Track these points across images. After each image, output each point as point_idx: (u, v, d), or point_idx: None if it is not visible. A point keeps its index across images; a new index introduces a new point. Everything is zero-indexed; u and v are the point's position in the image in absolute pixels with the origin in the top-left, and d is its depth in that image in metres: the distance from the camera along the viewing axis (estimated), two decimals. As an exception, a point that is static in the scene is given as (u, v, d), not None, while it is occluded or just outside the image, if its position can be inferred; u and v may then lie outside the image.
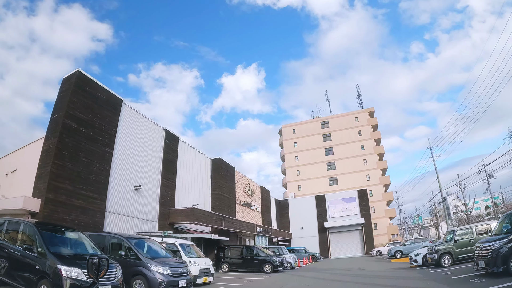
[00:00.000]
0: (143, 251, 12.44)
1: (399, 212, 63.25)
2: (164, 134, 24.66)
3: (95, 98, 18.00)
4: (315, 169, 61.68)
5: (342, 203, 49.00)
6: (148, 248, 12.93)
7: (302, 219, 49.82)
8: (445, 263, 16.49)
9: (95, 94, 18.05)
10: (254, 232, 32.88)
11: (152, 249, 13.01)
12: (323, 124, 66.20)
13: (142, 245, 12.87)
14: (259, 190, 41.45)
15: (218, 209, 28.90)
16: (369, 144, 61.37)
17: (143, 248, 12.70)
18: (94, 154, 17.29)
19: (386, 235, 52.49)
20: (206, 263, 15.77)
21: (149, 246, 13.10)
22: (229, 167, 33.16)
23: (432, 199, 44.34)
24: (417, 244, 30.89)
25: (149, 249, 12.87)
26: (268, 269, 22.29)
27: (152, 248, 13.07)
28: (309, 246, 44.09)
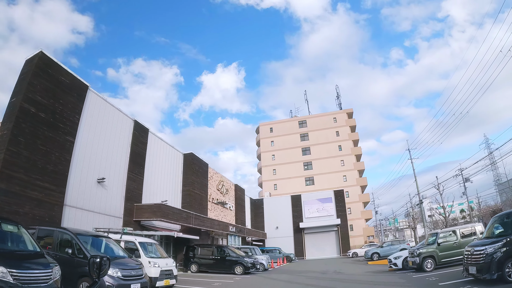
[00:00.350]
0: (95, 249, 10.86)
1: (375, 214, 62.78)
2: (133, 125, 22.94)
3: (58, 82, 16.21)
4: (292, 169, 60.62)
5: (318, 203, 48.02)
6: (100, 246, 11.34)
7: (277, 219, 48.62)
8: (427, 267, 15.42)
9: (59, 78, 16.25)
10: (226, 231, 31.41)
11: (105, 247, 11.42)
12: (301, 123, 65.23)
13: (94, 242, 11.28)
14: (233, 188, 40.00)
15: (188, 206, 27.33)
16: (346, 145, 60.71)
17: (96, 247, 11.12)
18: (54, 142, 15.50)
19: (362, 237, 51.84)
20: (169, 264, 14.20)
21: (102, 244, 11.51)
22: (201, 163, 31.58)
23: (409, 201, 43.81)
24: (394, 247, 30.08)
25: (101, 248, 11.29)
26: (239, 270, 20.88)
27: (105, 246, 11.47)
28: (284, 247, 42.96)
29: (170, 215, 21.87)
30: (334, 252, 45.65)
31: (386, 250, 30.17)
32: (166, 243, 24.87)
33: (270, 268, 26.39)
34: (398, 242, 31.12)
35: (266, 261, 24.59)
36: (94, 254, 7.34)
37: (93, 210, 18.00)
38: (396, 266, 18.29)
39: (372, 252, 30.20)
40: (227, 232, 31.53)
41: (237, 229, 35.01)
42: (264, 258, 24.89)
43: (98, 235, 12.28)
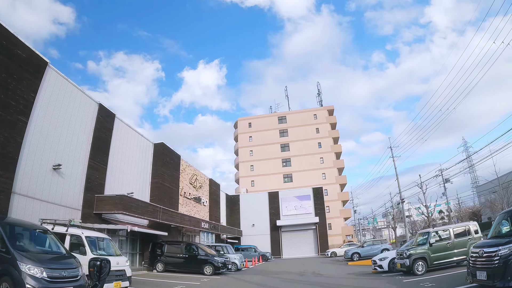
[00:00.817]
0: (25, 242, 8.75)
1: (353, 213, 61.62)
2: (97, 109, 20.62)
3: (13, 55, 13.85)
4: (270, 165, 58.86)
5: (296, 200, 46.38)
6: (32, 239, 9.20)
7: (253, 216, 46.76)
8: (418, 271, 13.73)
9: (14, 51, 13.91)
10: (199, 228, 29.31)
11: (39, 241, 9.29)
12: (280, 119, 63.55)
13: (25, 235, 9.15)
14: (207, 182, 37.89)
15: (157, 200, 25.14)
16: (326, 142, 59.36)
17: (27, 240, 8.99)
18: (3, 122, 13.17)
19: (340, 236, 50.51)
20: (120, 263, 12.08)
21: (35, 237, 9.38)
22: (173, 154, 29.38)
23: (390, 200, 42.59)
24: (375, 247, 28.63)
25: (34, 242, 9.15)
26: (209, 270, 18.90)
27: (38, 239, 9.34)
28: (260, 245, 41.31)
29: (134, 208, 19.67)
30: (312, 251, 44.08)
31: (367, 250, 28.69)
32: (132, 239, 22.75)
33: (244, 268, 24.51)
34: (379, 242, 29.68)
35: (239, 261, 22.67)
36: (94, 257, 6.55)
37: (47, 200, 15.69)
38: (381, 268, 16.59)
39: (352, 252, 28.66)
40: (199, 228, 29.46)
41: (211, 225, 32.98)
42: (237, 257, 22.94)
43: (36, 227, 10.12)
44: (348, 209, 56.75)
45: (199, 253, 19.69)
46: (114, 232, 20.25)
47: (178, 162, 30.12)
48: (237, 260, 22.41)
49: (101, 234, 13.46)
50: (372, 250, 28.68)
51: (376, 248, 28.71)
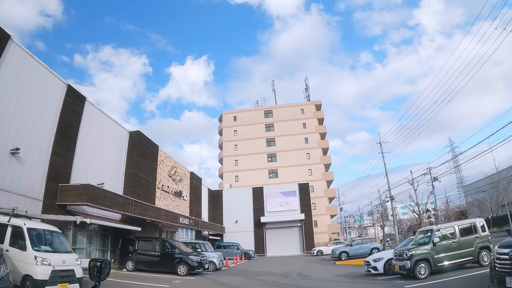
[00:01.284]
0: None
1: (340, 210, 60.17)
2: (65, 90, 18.51)
3: None
4: (255, 160, 56.97)
5: (282, 196, 44.61)
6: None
7: (237, 212, 44.85)
8: (421, 274, 12.01)
9: None
10: (177, 224, 27.27)
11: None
12: (266, 113, 61.70)
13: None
14: (188, 176, 35.83)
15: (132, 192, 23.08)
16: (313, 138, 57.74)
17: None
18: None
19: (326, 234, 48.93)
20: (68, 262, 10.02)
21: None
22: (150, 144, 27.26)
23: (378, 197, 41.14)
24: (365, 245, 27.05)
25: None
26: (183, 270, 16.95)
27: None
28: (244, 242, 39.62)
29: (101, 199, 17.56)
30: (297, 249, 42.41)
31: (356, 249, 27.11)
32: (103, 235, 20.77)
33: (224, 267, 22.63)
34: (368, 241, 28.08)
35: (217, 259, 20.70)
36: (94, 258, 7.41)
37: (2, 187, 13.61)
38: (375, 270, 14.79)
39: (340, 251, 27.01)
40: (177, 224, 27.42)
41: (191, 221, 30.99)
42: (215, 255, 20.96)
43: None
44: (335, 206, 55.28)
45: (173, 251, 17.68)
46: (83, 226, 18.27)
47: (155, 152, 28.04)
48: (216, 259, 20.46)
49: (50, 227, 11.31)
50: (361, 249, 27.10)
51: (366, 247, 27.13)
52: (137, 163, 24.70)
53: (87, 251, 19.10)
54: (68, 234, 17.53)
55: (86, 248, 18.95)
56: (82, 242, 18.75)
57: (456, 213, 57.77)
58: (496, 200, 51.89)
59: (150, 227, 24.70)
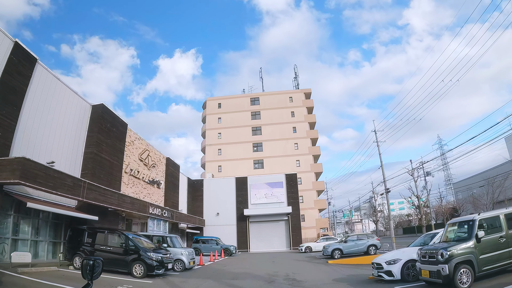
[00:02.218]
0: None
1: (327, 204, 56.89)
2: (11, 48, 14.87)
3: None
4: (239, 150, 53.30)
5: (267, 188, 41.13)
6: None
7: (218, 204, 41.26)
8: (463, 282, 8.52)
9: None
10: (145, 214, 23.53)
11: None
12: (253, 100, 58.04)
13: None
14: (163, 162, 32.03)
15: (91, 174, 19.31)
16: (302, 127, 54.32)
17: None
18: None
19: (314, 229, 45.65)
20: None
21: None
22: (117, 121, 23.42)
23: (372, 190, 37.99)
24: (361, 242, 23.74)
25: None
26: (139, 271, 13.22)
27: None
28: (225, 237, 36.49)
29: (41, 178, 13.68)
30: (283, 245, 39.04)
31: (351, 246, 23.77)
32: (56, 224, 17.24)
33: (196, 266, 18.97)
34: (365, 237, 24.71)
35: (187, 257, 16.85)
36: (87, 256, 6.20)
37: None
38: (390, 276, 11.14)
39: (333, 248, 23.59)
40: (146, 214, 23.66)
41: (164, 212, 27.29)
42: (184, 252, 17.08)
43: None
44: (323, 200, 51.91)
45: (128, 245, 13.90)
46: (28, 212, 14.86)
47: (123, 131, 24.23)
48: (185, 257, 16.63)
49: None
50: (357, 246, 23.80)
51: (362, 244, 23.84)
52: (99, 141, 20.89)
53: (32, 243, 15.41)
54: (6, 222, 13.87)
55: (30, 240, 15.25)
56: (26, 232, 15.05)
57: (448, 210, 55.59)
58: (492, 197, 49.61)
59: (113, 217, 20.95)
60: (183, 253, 16.59)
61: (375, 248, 23.78)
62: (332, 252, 23.28)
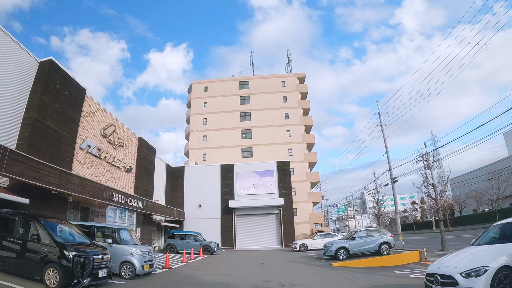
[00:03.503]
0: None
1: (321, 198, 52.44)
2: None
3: None
4: (226, 136, 48.47)
5: (256, 177, 36.48)
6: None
7: (201, 195, 36.51)
8: None
9: None
10: (103, 200, 18.66)
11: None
12: (242, 84, 53.20)
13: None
14: (135, 142, 27.13)
15: (28, 145, 14.41)
16: (295, 113, 49.71)
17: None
18: None
19: (308, 224, 41.18)
20: None
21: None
22: (70, 83, 18.40)
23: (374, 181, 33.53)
24: (372, 239, 19.32)
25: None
26: (53, 280, 8.25)
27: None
28: (208, 232, 32.35)
29: None
30: (274, 242, 34.47)
31: (359, 244, 19.28)
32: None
33: (160, 270, 14.27)
34: (376, 232, 20.15)
35: (138, 259, 11.89)
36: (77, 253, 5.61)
37: None
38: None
39: (338, 247, 19.01)
40: (104, 201, 18.79)
41: (132, 200, 22.51)
42: (136, 252, 12.05)
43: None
44: (318, 193, 47.32)
45: (40, 237, 8.94)
46: None
47: (80, 98, 19.30)
48: (135, 258, 11.64)
49: None
50: (367, 244, 19.35)
51: (373, 242, 19.39)
52: (43, 104, 15.96)
53: None
54: None
55: None
56: None
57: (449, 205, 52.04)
58: (497, 191, 46.11)
59: (58, 203, 16.10)
60: (134, 253, 11.67)
61: (388, 247, 19.36)
62: (336, 252, 18.74)
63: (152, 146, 30.82)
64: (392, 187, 30.25)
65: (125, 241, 12.61)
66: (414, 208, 69.50)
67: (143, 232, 26.77)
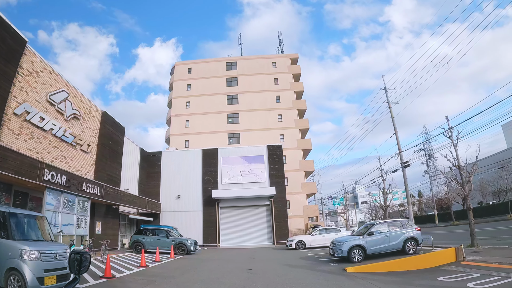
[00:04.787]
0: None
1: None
2: None
3: None
4: (211, 121, 43.56)
5: (243, 163, 31.85)
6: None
7: (180, 184, 31.79)
8: None
9: None
10: (36, 181, 13.75)
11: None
12: (229, 65, 48.36)
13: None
14: (97, 117, 22.20)
15: None
16: (287, 96, 45.09)
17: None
18: None
19: (302, 218, 36.69)
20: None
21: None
22: (5, 29, 13.59)
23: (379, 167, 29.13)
24: (396, 233, 14.93)
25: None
26: None
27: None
28: (187, 227, 28.23)
29: None
30: (265, 238, 29.89)
31: (380, 241, 14.78)
32: None
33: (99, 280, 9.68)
34: (399, 225, 15.61)
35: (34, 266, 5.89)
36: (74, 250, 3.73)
37: None
38: None
39: (351, 245, 14.41)
40: (39, 182, 13.91)
41: (84, 184, 17.71)
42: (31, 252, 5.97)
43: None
44: (313, 183, 42.64)
45: None
46: None
47: (17, 50, 14.44)
48: (29, 264, 5.95)
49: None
50: (389, 240, 14.83)
51: (396, 237, 14.89)
52: None
53: None
54: None
55: None
56: None
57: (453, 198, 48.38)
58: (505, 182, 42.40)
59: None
60: (27, 255, 6.38)
61: (415, 244, 14.91)
62: (349, 252, 14.20)
63: (121, 125, 25.95)
64: (403, 172, 26.00)
65: (23, 235, 7.69)
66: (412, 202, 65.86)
67: (106, 226, 21.97)
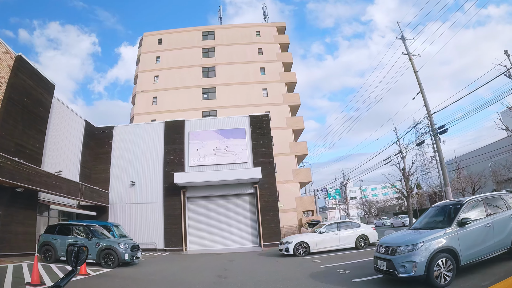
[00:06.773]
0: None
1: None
2: None
3: None
4: (183, 97, 35.85)
5: (218, 138, 24.29)
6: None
7: (135, 168, 24.16)
8: None
9: None
10: None
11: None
12: (205, 35, 40.81)
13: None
14: (7, 61, 14.57)
15: None
16: (273, 68, 37.74)
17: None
18: None
19: (294, 212, 29.33)
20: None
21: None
22: None
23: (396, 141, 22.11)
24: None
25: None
26: None
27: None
28: (144, 224, 22.05)
29: None
30: (248, 239, 22.34)
31: (481, 239, 7.23)
32: None
33: None
34: (499, 209, 8.23)
35: None
36: (72, 243, 3.43)
37: None
38: None
39: (433, 249, 6.86)
40: None
41: None
42: None
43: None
44: (307, 169, 34.92)
45: None
46: None
47: None
48: None
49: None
50: (493, 236, 7.39)
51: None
52: None
53: None
54: None
55: None
56: None
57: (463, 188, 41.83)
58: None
59: None
60: None
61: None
62: (429, 265, 6.80)
63: (48, 80, 18.27)
64: (436, 142, 18.96)
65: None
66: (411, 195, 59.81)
67: (11, 219, 14.36)
